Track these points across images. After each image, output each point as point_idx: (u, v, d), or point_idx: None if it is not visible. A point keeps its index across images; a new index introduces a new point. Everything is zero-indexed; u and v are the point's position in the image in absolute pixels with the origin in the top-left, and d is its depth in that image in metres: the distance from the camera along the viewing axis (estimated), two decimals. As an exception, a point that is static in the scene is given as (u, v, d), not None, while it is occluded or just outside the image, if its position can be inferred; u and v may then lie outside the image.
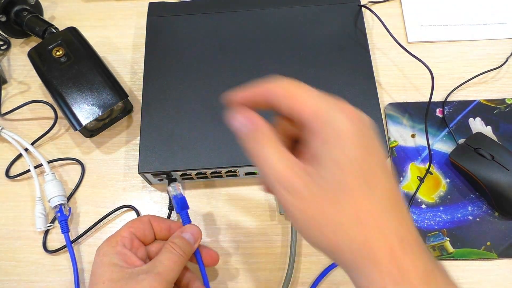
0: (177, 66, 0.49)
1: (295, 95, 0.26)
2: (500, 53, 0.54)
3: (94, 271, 0.36)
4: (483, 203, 0.46)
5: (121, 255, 0.36)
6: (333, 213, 0.24)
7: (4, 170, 0.50)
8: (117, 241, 0.37)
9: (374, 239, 0.23)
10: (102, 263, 0.36)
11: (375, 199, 0.24)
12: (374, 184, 0.24)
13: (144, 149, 0.45)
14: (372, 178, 0.24)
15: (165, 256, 0.36)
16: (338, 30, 0.50)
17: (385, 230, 0.23)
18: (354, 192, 0.24)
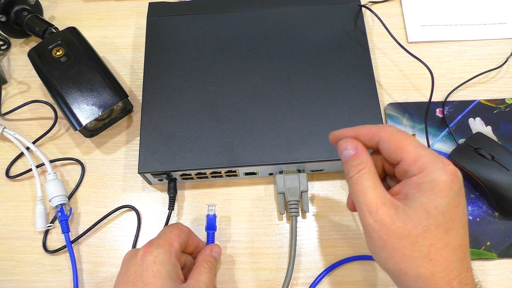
0: (177, 66, 0.49)
1: (400, 141, 0.31)
2: (500, 53, 0.54)
3: (148, 279, 0.34)
4: (483, 203, 0.46)
5: (175, 268, 0.35)
6: (410, 249, 0.29)
7: (4, 170, 0.50)
8: (171, 251, 0.36)
9: (439, 274, 0.28)
10: (160, 274, 0.34)
11: (447, 242, 0.28)
12: (450, 230, 0.29)
13: (144, 149, 0.45)
14: (450, 225, 0.29)
15: (207, 276, 0.37)
16: (338, 30, 0.50)
17: (448, 267, 0.28)
18: (433, 236, 0.28)
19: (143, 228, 0.47)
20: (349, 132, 0.34)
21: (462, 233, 0.29)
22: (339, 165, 0.46)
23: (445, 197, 0.28)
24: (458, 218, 0.29)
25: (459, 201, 0.29)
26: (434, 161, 0.29)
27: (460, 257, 0.29)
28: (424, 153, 0.30)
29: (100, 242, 0.47)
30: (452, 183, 0.29)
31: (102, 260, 0.46)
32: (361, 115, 0.45)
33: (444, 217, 0.28)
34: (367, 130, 0.33)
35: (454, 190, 0.29)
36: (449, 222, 0.28)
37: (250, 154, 0.44)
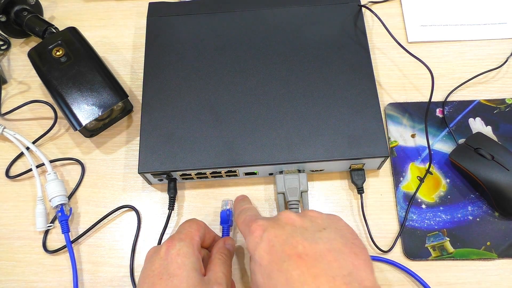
0: (177, 66, 0.49)
1: (236, 218, 0.39)
2: (500, 53, 0.54)
3: (174, 271, 0.34)
4: (483, 203, 0.46)
5: (198, 260, 0.36)
6: None
7: (4, 170, 0.50)
8: (193, 244, 0.37)
9: None
10: (185, 265, 0.34)
11: (274, 284, 0.30)
12: (273, 275, 0.30)
13: (144, 149, 0.45)
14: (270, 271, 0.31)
15: (225, 268, 0.38)
16: (338, 30, 0.50)
17: None
18: (262, 284, 0.31)
19: (143, 228, 0.47)
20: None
21: (285, 268, 0.30)
22: (339, 165, 0.46)
23: (254, 253, 0.32)
24: (275, 258, 0.31)
25: (270, 245, 0.32)
26: (244, 232, 0.35)
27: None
28: (241, 229, 0.36)
29: (100, 242, 0.47)
30: (256, 238, 0.33)
31: (102, 260, 0.46)
32: (361, 115, 0.45)
33: (261, 266, 0.31)
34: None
35: (260, 242, 0.32)
36: (268, 267, 0.31)
37: (250, 154, 0.44)
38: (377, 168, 0.48)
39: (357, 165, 0.46)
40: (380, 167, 0.48)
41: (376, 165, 0.47)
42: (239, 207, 0.41)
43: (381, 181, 0.48)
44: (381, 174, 0.48)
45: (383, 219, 0.46)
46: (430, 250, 0.44)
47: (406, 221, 0.45)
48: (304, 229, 0.32)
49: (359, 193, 0.46)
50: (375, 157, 0.44)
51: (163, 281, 0.34)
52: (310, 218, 0.34)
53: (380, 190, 0.48)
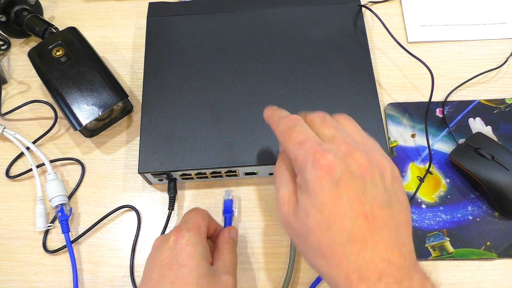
0: (177, 66, 0.49)
1: (285, 142, 0.32)
2: (500, 53, 0.54)
3: (183, 261, 0.34)
4: (483, 203, 0.46)
5: (206, 250, 0.36)
6: (305, 246, 0.30)
7: (5, 170, 0.50)
8: (200, 233, 0.37)
9: (334, 269, 0.28)
10: (194, 254, 0.35)
11: (333, 238, 0.28)
12: (333, 226, 0.28)
13: (144, 149, 0.45)
14: (332, 221, 0.28)
15: (232, 257, 0.38)
16: (338, 30, 0.50)
17: (342, 262, 0.28)
18: (317, 234, 0.29)
19: (143, 228, 0.47)
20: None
21: (351, 226, 0.28)
22: (339, 165, 0.46)
23: (317, 195, 0.29)
24: (340, 212, 0.28)
25: (338, 195, 0.28)
26: (306, 160, 0.29)
27: (353, 251, 0.28)
28: (299, 152, 0.30)
29: (100, 242, 0.47)
30: (323, 179, 0.28)
31: (102, 260, 0.46)
32: (361, 115, 0.45)
33: (322, 214, 0.28)
34: (270, 120, 0.36)
35: (327, 186, 0.28)
36: (330, 218, 0.28)
37: (250, 154, 0.44)
38: (377, 168, 0.48)
39: (357, 165, 0.46)
40: (380, 167, 0.48)
41: (376, 165, 0.47)
42: (282, 114, 0.34)
43: (381, 181, 0.48)
44: (381, 174, 0.48)
45: (383, 219, 0.46)
46: (430, 250, 0.44)
47: (406, 221, 0.45)
48: (374, 185, 0.29)
49: (359, 193, 0.46)
50: (375, 157, 0.44)
51: (173, 271, 0.34)
52: (380, 171, 0.30)
53: (380, 190, 0.47)
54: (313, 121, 0.33)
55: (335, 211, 0.28)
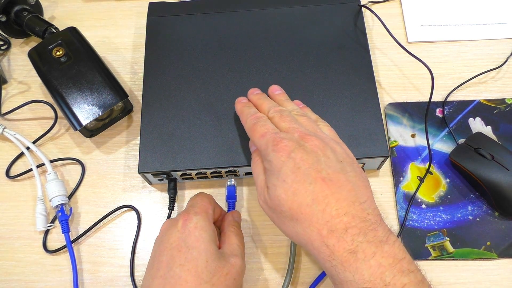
0: (177, 66, 0.49)
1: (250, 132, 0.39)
2: (500, 53, 0.54)
3: (192, 244, 0.35)
4: (483, 203, 0.46)
5: (214, 233, 0.38)
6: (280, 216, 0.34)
7: (5, 170, 0.50)
8: (208, 217, 0.38)
9: (308, 228, 0.32)
10: (203, 238, 0.36)
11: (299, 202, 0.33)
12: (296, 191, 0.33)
13: (144, 149, 0.45)
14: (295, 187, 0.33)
15: (238, 240, 0.40)
16: (338, 30, 0.50)
17: (312, 220, 0.32)
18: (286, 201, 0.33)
19: (143, 228, 0.47)
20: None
21: (312, 189, 0.32)
22: (339, 165, 0.46)
23: (279, 169, 0.34)
24: (300, 179, 0.33)
25: (296, 165, 0.33)
26: (267, 146, 0.35)
27: (320, 208, 0.32)
28: (262, 142, 0.36)
29: (100, 242, 0.47)
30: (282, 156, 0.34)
31: (102, 260, 0.46)
32: (361, 115, 0.45)
33: (286, 183, 0.33)
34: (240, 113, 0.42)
35: (285, 160, 0.34)
36: (293, 185, 0.33)
37: (250, 154, 0.44)
38: (377, 168, 0.48)
39: (357, 165, 0.46)
40: (380, 167, 0.48)
41: (376, 165, 0.47)
42: (250, 112, 0.40)
43: (381, 181, 0.48)
44: (381, 174, 0.48)
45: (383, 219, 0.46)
46: (430, 250, 0.44)
47: (406, 221, 0.45)
48: (326, 158, 0.34)
49: (359, 193, 0.46)
50: (375, 157, 0.44)
51: (182, 253, 0.35)
52: (332, 149, 0.35)
53: (380, 190, 0.48)
54: (273, 117, 0.39)
55: (297, 179, 0.33)
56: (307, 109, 0.44)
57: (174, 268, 0.35)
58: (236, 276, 0.36)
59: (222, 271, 0.35)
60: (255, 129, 0.38)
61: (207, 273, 0.34)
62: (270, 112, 0.40)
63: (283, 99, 0.43)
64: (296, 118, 0.39)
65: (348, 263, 0.30)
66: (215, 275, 0.35)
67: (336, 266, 0.31)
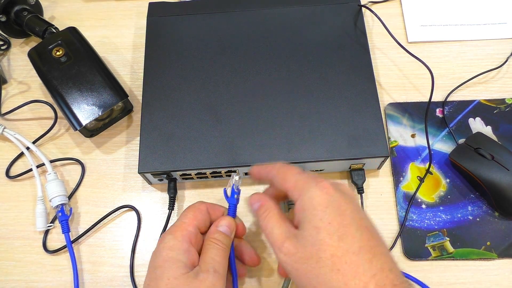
0: (177, 66, 0.49)
1: (283, 173, 0.35)
2: (500, 53, 0.54)
3: (158, 263, 0.35)
4: (483, 203, 0.46)
5: (186, 253, 0.36)
6: (316, 266, 0.30)
7: (5, 170, 0.50)
8: (183, 236, 0.36)
9: (351, 281, 0.28)
10: (169, 257, 0.35)
11: (346, 248, 0.29)
12: (344, 236, 0.30)
13: (144, 149, 0.45)
14: (342, 231, 0.30)
15: (214, 253, 0.36)
16: (338, 30, 0.50)
17: (358, 272, 0.28)
18: (330, 246, 0.29)
19: (143, 228, 0.47)
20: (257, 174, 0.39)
21: (359, 236, 0.30)
22: (339, 165, 0.46)
23: (325, 207, 0.31)
24: (347, 223, 0.30)
25: (344, 207, 0.31)
26: (307, 182, 0.33)
27: (366, 259, 0.29)
28: (300, 178, 0.34)
29: (100, 242, 0.47)
30: (328, 195, 0.31)
31: (102, 260, 0.46)
32: (361, 115, 0.45)
33: (332, 226, 0.30)
34: (263, 170, 0.38)
35: (332, 200, 0.31)
36: (340, 229, 0.30)
37: (250, 154, 0.44)
38: (377, 168, 0.48)
39: (357, 165, 0.46)
40: (380, 167, 0.48)
41: (376, 165, 0.47)
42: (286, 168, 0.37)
43: (381, 181, 0.48)
44: (381, 174, 0.48)
45: (383, 219, 0.46)
46: (430, 250, 0.44)
47: (406, 221, 0.45)
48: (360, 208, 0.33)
49: (359, 193, 0.46)
50: (375, 157, 0.44)
51: (150, 273, 0.35)
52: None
53: (380, 190, 0.48)
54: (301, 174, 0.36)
55: (344, 222, 0.30)
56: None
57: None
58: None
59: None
60: (290, 168, 0.35)
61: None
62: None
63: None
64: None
65: None
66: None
67: None
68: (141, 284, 0.44)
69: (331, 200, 0.31)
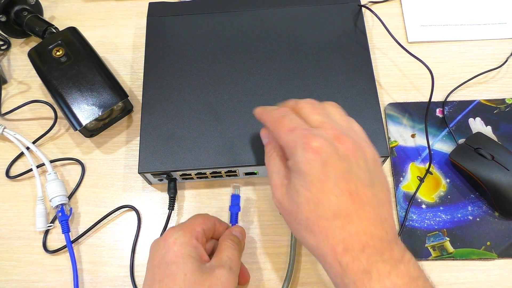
0: (177, 66, 0.49)
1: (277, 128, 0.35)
2: (500, 53, 0.54)
3: (171, 259, 0.35)
4: (483, 203, 0.46)
5: (196, 249, 0.36)
6: (295, 223, 0.33)
7: (5, 170, 0.50)
8: (191, 233, 0.37)
9: (321, 243, 0.31)
10: (181, 253, 0.35)
11: (319, 214, 0.31)
12: (320, 203, 0.31)
13: (144, 149, 0.45)
14: (319, 198, 0.31)
15: (231, 252, 0.38)
16: (338, 30, 0.50)
17: (328, 235, 0.30)
18: (305, 210, 0.31)
19: (143, 228, 0.47)
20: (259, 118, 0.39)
21: (336, 202, 0.30)
22: (339, 165, 0.46)
23: (307, 175, 0.31)
24: (327, 190, 0.31)
25: (326, 174, 0.31)
26: (297, 143, 0.32)
27: (338, 225, 0.30)
28: (290, 138, 0.33)
29: (100, 242, 0.47)
30: (312, 160, 0.31)
31: (102, 260, 0.46)
32: (361, 115, 0.45)
33: (311, 192, 0.31)
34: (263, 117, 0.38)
35: (316, 166, 0.31)
36: (318, 196, 0.31)
37: (250, 154, 0.44)
38: (377, 168, 0.48)
39: (357, 165, 0.45)
40: (380, 167, 0.48)
41: (376, 165, 0.47)
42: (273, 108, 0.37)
43: (381, 181, 0.48)
44: (381, 174, 0.48)
45: (383, 219, 0.46)
46: (430, 250, 0.44)
47: (406, 221, 0.45)
48: (358, 167, 0.32)
49: (359, 193, 0.46)
50: (375, 157, 0.44)
51: (162, 270, 0.35)
52: (363, 154, 0.33)
53: (380, 190, 0.47)
54: (303, 107, 0.36)
55: (323, 189, 0.31)
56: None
57: (154, 285, 0.34)
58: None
59: (204, 283, 0.34)
60: (283, 122, 0.34)
61: (186, 287, 0.34)
62: (299, 103, 0.36)
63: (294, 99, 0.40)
64: (325, 107, 0.36)
65: (361, 283, 0.29)
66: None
67: (348, 285, 0.30)
68: (142, 284, 0.44)
69: (316, 164, 0.31)
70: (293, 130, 0.33)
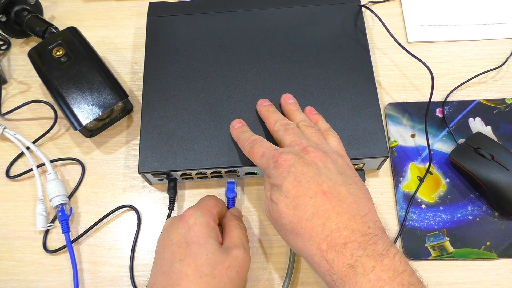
0: (177, 66, 0.49)
1: (259, 140, 0.40)
2: (500, 53, 0.54)
3: (192, 239, 0.36)
4: (483, 203, 0.46)
5: (214, 230, 0.38)
6: (281, 229, 0.35)
7: (5, 170, 0.50)
8: (210, 214, 0.39)
9: (307, 243, 0.33)
10: (202, 234, 0.37)
11: (300, 216, 0.33)
12: (298, 205, 0.33)
13: (144, 149, 0.45)
14: (296, 202, 0.33)
15: (240, 232, 0.40)
16: (338, 30, 0.50)
17: (312, 235, 0.32)
18: (287, 215, 0.34)
19: (143, 228, 0.47)
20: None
21: (312, 203, 0.33)
22: (339, 165, 0.46)
23: (281, 185, 0.34)
24: (301, 193, 0.33)
25: (297, 180, 0.34)
26: (268, 164, 0.36)
27: (319, 223, 0.32)
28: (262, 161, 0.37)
29: (100, 242, 0.47)
30: (282, 172, 0.34)
31: (102, 260, 0.46)
32: (361, 115, 0.45)
33: (288, 198, 0.34)
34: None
35: (286, 176, 0.34)
36: (294, 200, 0.33)
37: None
38: (377, 168, 0.48)
39: (356, 165, 0.46)
40: (380, 167, 0.48)
41: (376, 165, 0.47)
42: (245, 137, 0.41)
43: (381, 181, 0.48)
44: (381, 174, 0.48)
45: (383, 219, 0.46)
46: (430, 250, 0.44)
47: (406, 221, 0.45)
48: (327, 170, 0.35)
49: (359, 193, 0.46)
50: (375, 157, 0.44)
51: (182, 249, 0.36)
52: (333, 160, 0.36)
53: (380, 190, 0.48)
54: (278, 130, 0.40)
55: (298, 194, 0.33)
56: (318, 116, 0.44)
57: (175, 263, 0.35)
58: (239, 268, 0.37)
59: (224, 264, 0.36)
60: (254, 151, 0.38)
61: (208, 267, 0.35)
62: (276, 125, 0.40)
63: (293, 108, 0.43)
64: (303, 129, 0.40)
65: (347, 278, 0.30)
66: (216, 268, 0.35)
67: (336, 281, 0.31)
68: (142, 284, 0.44)
69: (286, 175, 0.34)
70: (263, 155, 0.37)
